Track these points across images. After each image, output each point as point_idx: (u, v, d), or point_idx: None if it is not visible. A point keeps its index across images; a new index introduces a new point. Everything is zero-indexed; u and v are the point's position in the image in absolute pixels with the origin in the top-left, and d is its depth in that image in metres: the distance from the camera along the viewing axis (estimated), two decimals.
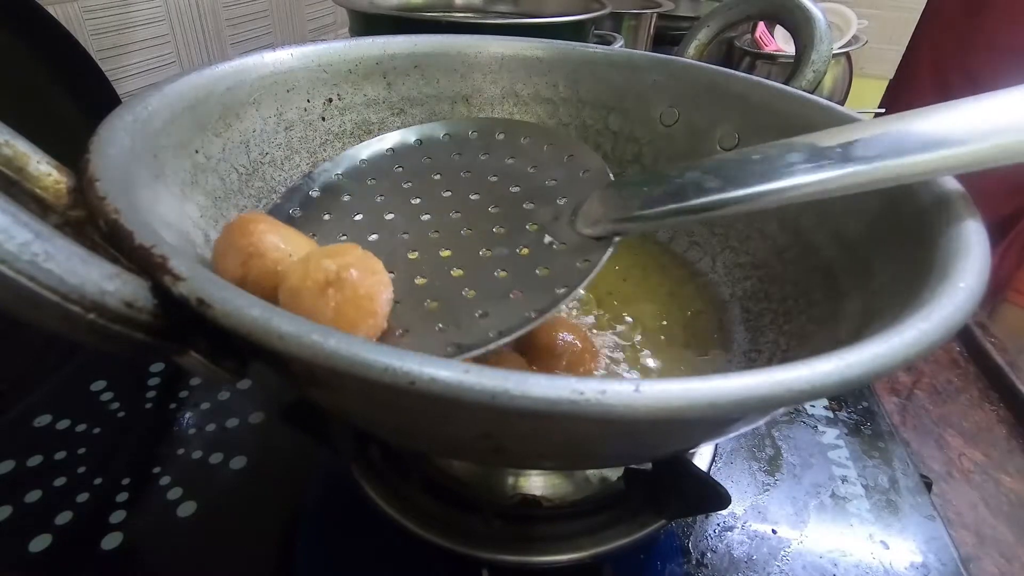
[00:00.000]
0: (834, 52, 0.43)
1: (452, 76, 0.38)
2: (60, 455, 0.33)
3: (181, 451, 0.33)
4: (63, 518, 0.30)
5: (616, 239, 0.25)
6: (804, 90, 0.34)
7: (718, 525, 0.31)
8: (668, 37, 0.86)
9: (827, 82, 0.84)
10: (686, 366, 0.30)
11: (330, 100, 0.35)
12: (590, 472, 0.30)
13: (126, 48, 0.56)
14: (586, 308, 0.33)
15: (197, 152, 0.26)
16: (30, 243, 0.12)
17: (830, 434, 0.37)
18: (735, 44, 0.88)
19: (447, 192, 0.30)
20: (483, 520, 0.28)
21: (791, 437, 0.37)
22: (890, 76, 1.17)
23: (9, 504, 0.30)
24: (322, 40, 0.34)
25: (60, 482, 0.31)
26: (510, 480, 0.29)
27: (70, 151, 0.19)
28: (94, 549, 0.29)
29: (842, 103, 0.80)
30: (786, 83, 0.37)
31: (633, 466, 0.28)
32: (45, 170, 0.17)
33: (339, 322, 0.20)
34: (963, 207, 0.20)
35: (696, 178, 0.23)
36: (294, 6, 0.80)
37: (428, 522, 0.28)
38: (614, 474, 0.30)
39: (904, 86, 1.10)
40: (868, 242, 0.25)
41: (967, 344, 0.50)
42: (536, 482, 0.29)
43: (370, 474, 0.29)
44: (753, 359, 0.29)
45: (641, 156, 0.38)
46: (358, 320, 0.20)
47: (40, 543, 0.29)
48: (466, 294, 0.24)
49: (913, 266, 0.20)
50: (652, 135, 0.38)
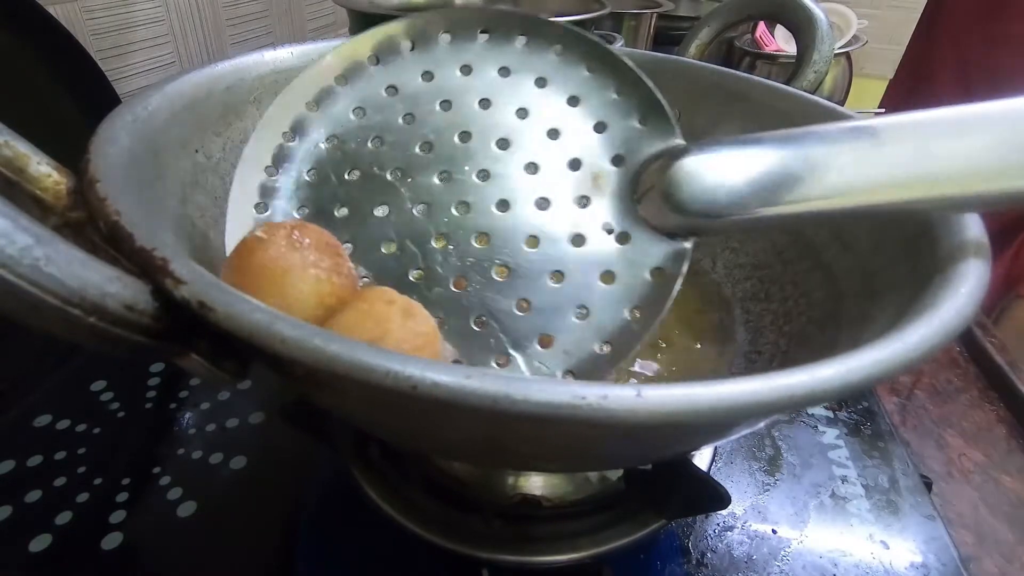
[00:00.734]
0: (834, 52, 0.43)
1: None
2: (60, 455, 0.33)
3: (181, 451, 0.33)
4: (63, 518, 0.30)
5: (692, 240, 0.20)
6: (805, 90, 0.34)
7: (718, 525, 0.31)
8: (668, 37, 0.85)
9: (827, 82, 0.84)
10: (686, 367, 0.30)
11: None
12: (590, 472, 0.30)
13: (126, 48, 0.56)
14: None
15: (197, 152, 0.26)
16: (31, 247, 0.12)
17: (830, 434, 0.37)
18: (735, 44, 0.88)
19: (463, 140, 0.24)
20: (483, 520, 0.28)
21: (791, 437, 0.37)
22: (890, 76, 1.17)
23: (9, 504, 0.30)
24: (322, 39, 0.34)
25: (60, 482, 0.31)
26: (510, 480, 0.29)
27: (70, 151, 0.19)
28: (94, 549, 0.29)
29: (842, 103, 0.80)
30: (787, 83, 0.37)
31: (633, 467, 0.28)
32: (45, 171, 0.17)
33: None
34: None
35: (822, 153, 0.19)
36: (294, 6, 0.80)
37: (428, 522, 0.28)
38: (614, 474, 0.30)
39: (922, 85, 1.09)
40: (869, 244, 0.25)
41: (967, 344, 0.50)
42: (536, 482, 0.29)
43: (370, 474, 0.29)
44: (753, 360, 0.29)
45: None
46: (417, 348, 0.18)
47: (40, 543, 0.29)
48: (517, 310, 0.20)
49: (914, 269, 0.20)
50: None
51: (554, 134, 0.23)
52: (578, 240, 0.22)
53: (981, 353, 0.48)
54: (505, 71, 0.25)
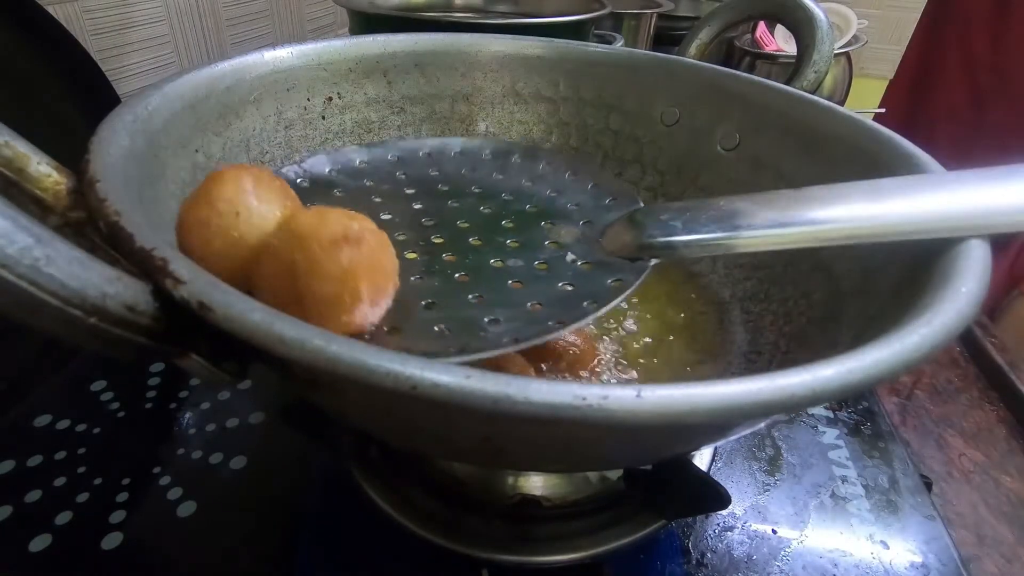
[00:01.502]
0: (834, 52, 0.43)
1: (452, 75, 0.38)
2: (60, 455, 0.33)
3: (181, 451, 0.33)
4: (63, 518, 0.30)
5: (652, 262, 0.23)
6: (805, 90, 0.34)
7: (718, 525, 0.31)
8: (668, 37, 0.85)
9: (827, 82, 0.84)
10: (686, 368, 0.30)
11: (330, 99, 0.35)
12: (590, 472, 0.30)
13: (126, 48, 0.56)
14: None
15: (197, 152, 0.26)
16: (31, 248, 0.12)
17: (830, 434, 0.37)
18: (735, 44, 0.88)
19: (454, 203, 0.28)
20: (483, 520, 0.28)
21: (791, 437, 0.37)
22: (890, 76, 1.17)
23: (9, 504, 0.30)
24: (322, 39, 0.34)
25: (60, 482, 0.31)
26: (510, 480, 0.29)
27: (70, 151, 0.19)
28: (94, 549, 0.29)
29: (842, 103, 0.80)
30: (787, 83, 0.37)
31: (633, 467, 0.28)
32: (45, 171, 0.17)
33: (346, 279, 0.18)
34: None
35: (744, 207, 0.22)
36: (294, 6, 0.80)
37: (428, 522, 0.28)
38: (614, 474, 0.30)
39: (927, 85, 1.09)
40: (869, 244, 0.25)
41: (967, 344, 0.50)
42: (536, 482, 0.29)
43: (370, 474, 0.29)
44: (753, 360, 0.29)
45: (642, 156, 0.38)
46: (373, 280, 0.18)
47: (40, 543, 0.29)
48: (473, 299, 0.22)
49: (914, 268, 0.20)
50: (653, 135, 0.38)
51: (534, 208, 0.28)
52: (542, 264, 0.24)
53: (981, 353, 0.48)
54: (500, 174, 0.30)
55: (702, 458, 0.33)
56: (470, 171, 0.30)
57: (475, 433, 0.15)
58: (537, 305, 0.22)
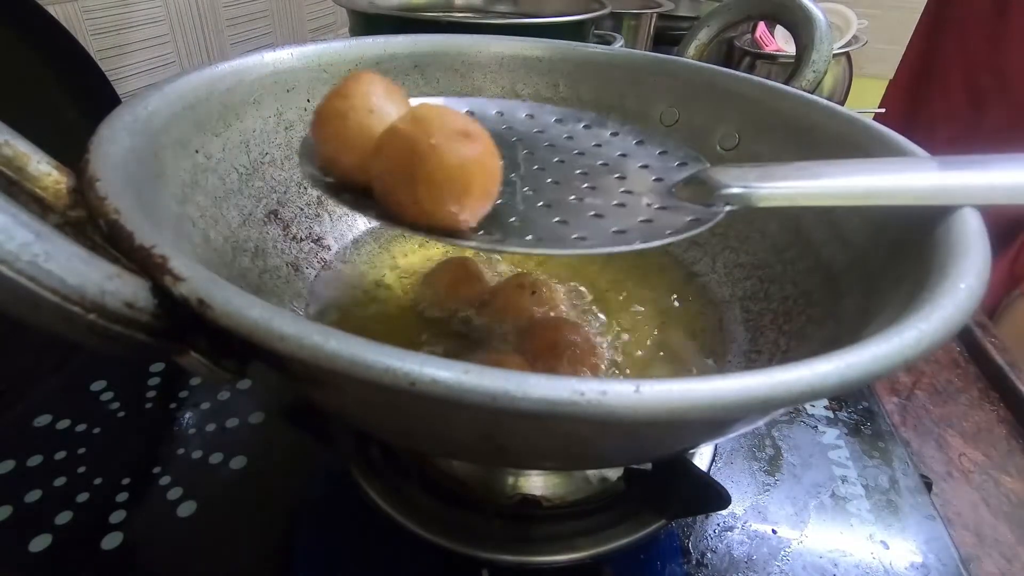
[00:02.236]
0: (834, 52, 0.43)
1: (452, 76, 0.38)
2: (60, 455, 0.33)
3: (181, 451, 0.33)
4: (63, 518, 0.30)
5: (726, 208, 0.23)
6: (804, 90, 0.34)
7: (718, 525, 0.31)
8: (668, 37, 0.86)
9: (827, 82, 0.84)
10: (686, 366, 0.30)
11: None
12: (590, 472, 0.30)
13: (126, 48, 0.56)
14: (586, 308, 0.33)
15: (197, 152, 0.26)
16: (30, 243, 0.12)
17: (830, 434, 0.37)
18: (735, 44, 0.88)
19: (526, 152, 0.28)
20: (483, 520, 0.28)
21: (791, 437, 0.37)
22: (890, 76, 1.17)
23: (9, 504, 0.30)
24: (322, 40, 0.34)
25: (60, 482, 0.31)
26: (510, 480, 0.29)
27: (70, 151, 0.19)
28: (94, 549, 0.29)
29: (842, 103, 0.80)
30: (786, 83, 0.37)
31: (633, 466, 0.28)
32: (45, 170, 0.17)
33: (461, 169, 0.19)
34: (964, 207, 0.20)
35: (814, 167, 0.23)
36: (294, 6, 0.80)
37: (428, 522, 0.28)
38: (614, 474, 0.30)
39: (927, 85, 1.09)
40: (868, 242, 0.25)
41: (967, 344, 0.50)
42: (536, 482, 0.29)
43: (370, 474, 0.29)
44: (753, 359, 0.29)
45: None
46: (483, 177, 0.20)
47: (40, 543, 0.29)
48: (556, 222, 0.23)
49: (913, 266, 0.20)
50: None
51: (605, 164, 0.28)
52: (619, 203, 0.24)
53: (981, 353, 0.48)
54: (569, 137, 0.30)
55: (702, 458, 0.33)
56: (540, 131, 0.30)
57: (474, 430, 0.15)
58: (618, 231, 0.22)
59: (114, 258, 0.15)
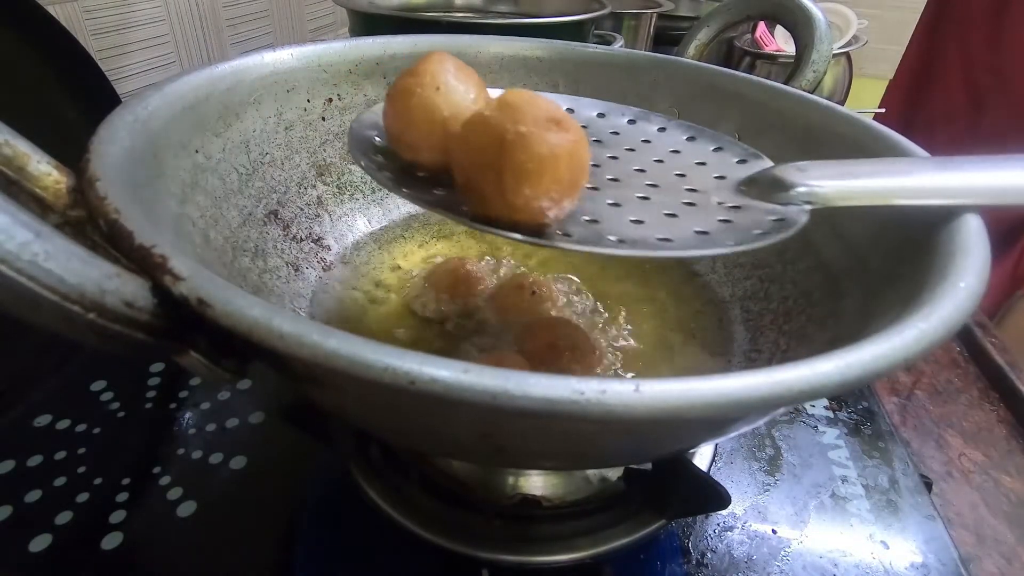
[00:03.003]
0: (834, 52, 0.43)
1: None
2: (60, 455, 0.33)
3: (181, 451, 0.33)
4: (63, 518, 0.30)
5: (807, 207, 0.22)
6: (804, 90, 0.34)
7: (718, 525, 0.31)
8: (668, 37, 0.86)
9: (827, 82, 0.84)
10: (686, 366, 0.30)
11: (330, 100, 0.35)
12: (590, 472, 0.30)
13: (126, 48, 0.56)
14: (586, 308, 0.33)
15: (197, 152, 0.26)
16: (30, 243, 0.12)
17: (830, 434, 0.37)
18: (735, 44, 0.88)
19: (597, 141, 0.27)
20: (483, 520, 0.28)
21: (791, 437, 0.37)
22: (890, 76, 1.17)
23: (9, 504, 0.30)
24: (322, 40, 0.34)
25: (60, 482, 0.31)
26: (510, 480, 0.29)
27: (70, 151, 0.19)
28: (94, 549, 0.29)
29: (842, 103, 0.80)
30: (786, 83, 0.37)
31: (633, 466, 0.28)
32: (45, 170, 0.17)
33: (550, 157, 0.18)
34: (965, 207, 0.20)
35: (892, 166, 0.23)
36: (294, 6, 0.80)
37: (428, 522, 0.28)
38: (614, 474, 0.30)
39: (926, 85, 1.09)
40: (868, 242, 0.25)
41: (967, 344, 0.50)
42: (536, 482, 0.29)
43: (370, 474, 0.29)
44: (753, 359, 0.29)
45: None
46: (571, 168, 0.19)
47: (40, 543, 0.29)
48: (632, 221, 0.22)
49: (914, 266, 0.20)
50: None
51: (682, 173, 0.26)
52: (691, 202, 0.23)
53: (981, 353, 0.48)
54: (646, 140, 0.28)
55: (702, 458, 0.33)
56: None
57: (474, 429, 0.15)
58: (701, 231, 0.21)
59: (114, 258, 0.15)
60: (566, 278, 0.35)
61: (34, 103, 0.44)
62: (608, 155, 0.26)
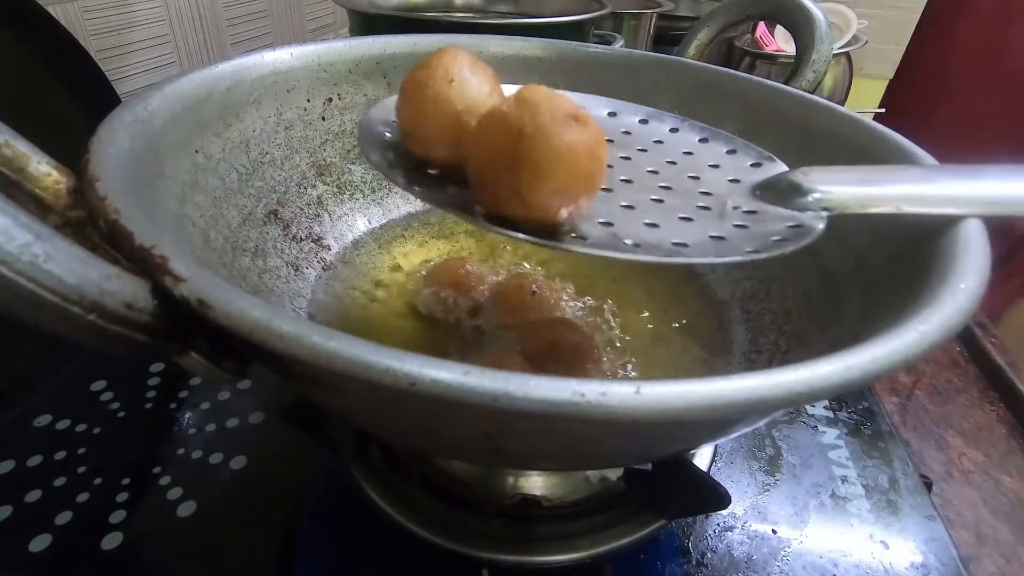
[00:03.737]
0: (834, 52, 0.43)
1: None
2: (60, 455, 0.33)
3: (181, 451, 0.33)
4: (63, 518, 0.30)
5: (825, 213, 0.21)
6: (804, 90, 0.34)
7: (718, 525, 0.31)
8: (668, 37, 0.86)
9: (827, 82, 0.84)
10: (686, 367, 0.30)
11: (330, 100, 0.35)
12: (590, 472, 0.30)
13: (126, 48, 0.56)
14: (586, 308, 0.33)
15: (197, 152, 0.26)
16: (30, 244, 0.12)
17: (830, 434, 0.37)
18: (735, 44, 0.88)
19: (609, 140, 0.26)
20: (483, 520, 0.28)
21: (791, 437, 0.37)
22: (890, 76, 1.17)
23: (9, 504, 0.30)
24: (322, 40, 0.34)
25: (60, 482, 0.31)
26: (510, 480, 0.29)
27: (70, 151, 0.19)
28: (94, 549, 0.29)
29: (842, 103, 0.80)
30: (786, 83, 0.37)
31: (633, 466, 0.28)
32: (45, 170, 0.17)
33: (569, 153, 0.18)
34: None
35: (911, 172, 0.22)
36: (294, 6, 0.80)
37: (428, 522, 0.28)
38: (614, 474, 0.30)
39: (929, 86, 1.09)
40: (869, 243, 0.25)
41: (967, 344, 0.50)
42: (536, 482, 0.29)
43: (370, 474, 0.29)
44: (753, 360, 0.29)
45: None
46: (590, 165, 0.18)
47: (40, 543, 0.29)
48: (647, 224, 0.21)
49: (913, 267, 0.20)
50: None
51: (696, 176, 0.26)
52: (706, 207, 0.23)
53: (981, 353, 0.48)
54: (658, 141, 0.28)
55: (702, 458, 0.33)
56: (626, 133, 0.28)
57: (474, 430, 0.15)
58: (717, 236, 0.21)
59: (114, 258, 0.15)
60: (566, 278, 0.35)
61: (34, 103, 0.44)
62: (620, 155, 0.26)
